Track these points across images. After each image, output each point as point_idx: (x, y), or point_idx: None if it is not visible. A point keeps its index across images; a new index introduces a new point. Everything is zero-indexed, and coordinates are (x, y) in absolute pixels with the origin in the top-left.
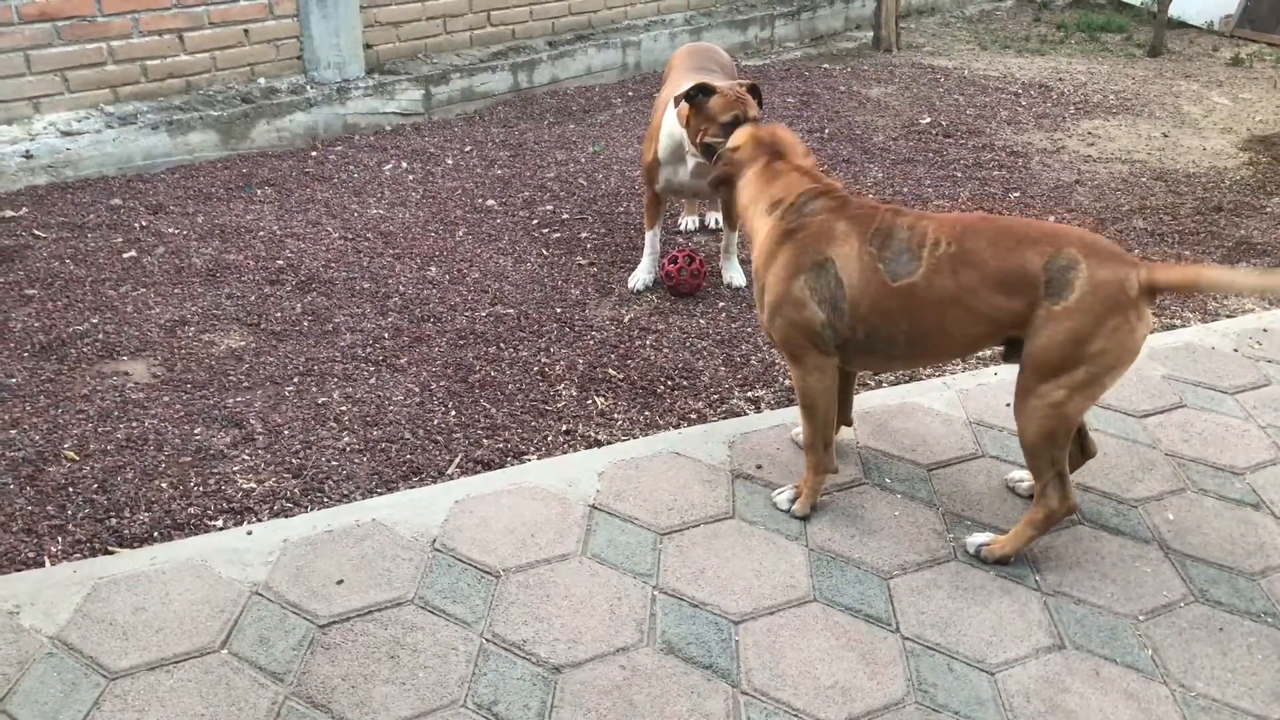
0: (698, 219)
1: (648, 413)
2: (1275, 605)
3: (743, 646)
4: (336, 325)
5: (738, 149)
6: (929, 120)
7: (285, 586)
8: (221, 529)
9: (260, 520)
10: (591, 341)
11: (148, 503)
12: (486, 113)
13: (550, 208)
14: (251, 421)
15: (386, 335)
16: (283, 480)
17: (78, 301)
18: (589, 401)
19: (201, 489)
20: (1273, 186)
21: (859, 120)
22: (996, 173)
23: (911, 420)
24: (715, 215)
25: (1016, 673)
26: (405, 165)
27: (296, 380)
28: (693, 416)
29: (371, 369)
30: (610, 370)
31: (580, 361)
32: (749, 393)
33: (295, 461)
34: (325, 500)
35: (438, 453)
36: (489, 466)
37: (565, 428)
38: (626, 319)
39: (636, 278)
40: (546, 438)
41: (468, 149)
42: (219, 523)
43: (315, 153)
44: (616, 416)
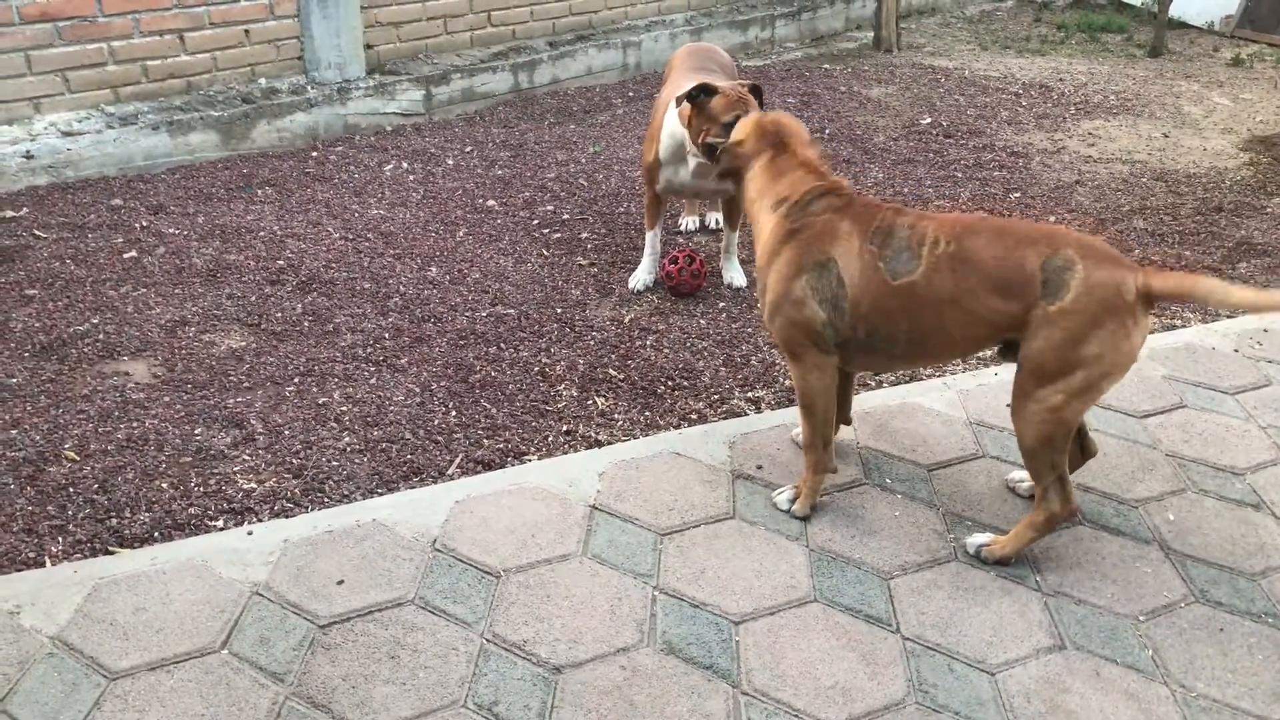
0: (698, 219)
1: (648, 413)
2: (1276, 606)
3: (743, 647)
4: (337, 325)
5: (742, 143)
6: (929, 121)
7: (286, 587)
8: (222, 529)
9: (261, 520)
10: (592, 342)
11: (148, 503)
12: (487, 113)
13: (551, 208)
14: (252, 422)
15: (387, 335)
16: (283, 480)
17: (78, 302)
18: (589, 402)
19: (202, 489)
20: (1273, 187)
21: (859, 120)
22: (997, 173)
23: (912, 420)
24: (715, 215)
25: (1017, 673)
26: (406, 165)
27: (297, 380)
28: (693, 417)
29: (372, 369)
30: (611, 370)
31: (581, 362)
32: (749, 393)
33: (296, 462)
34: (326, 500)
35: (438, 453)
36: (489, 467)
37: (566, 428)
38: (627, 319)
39: (637, 278)
40: (547, 438)
41: (468, 149)
42: (219, 523)
43: (316, 153)
44: (617, 417)
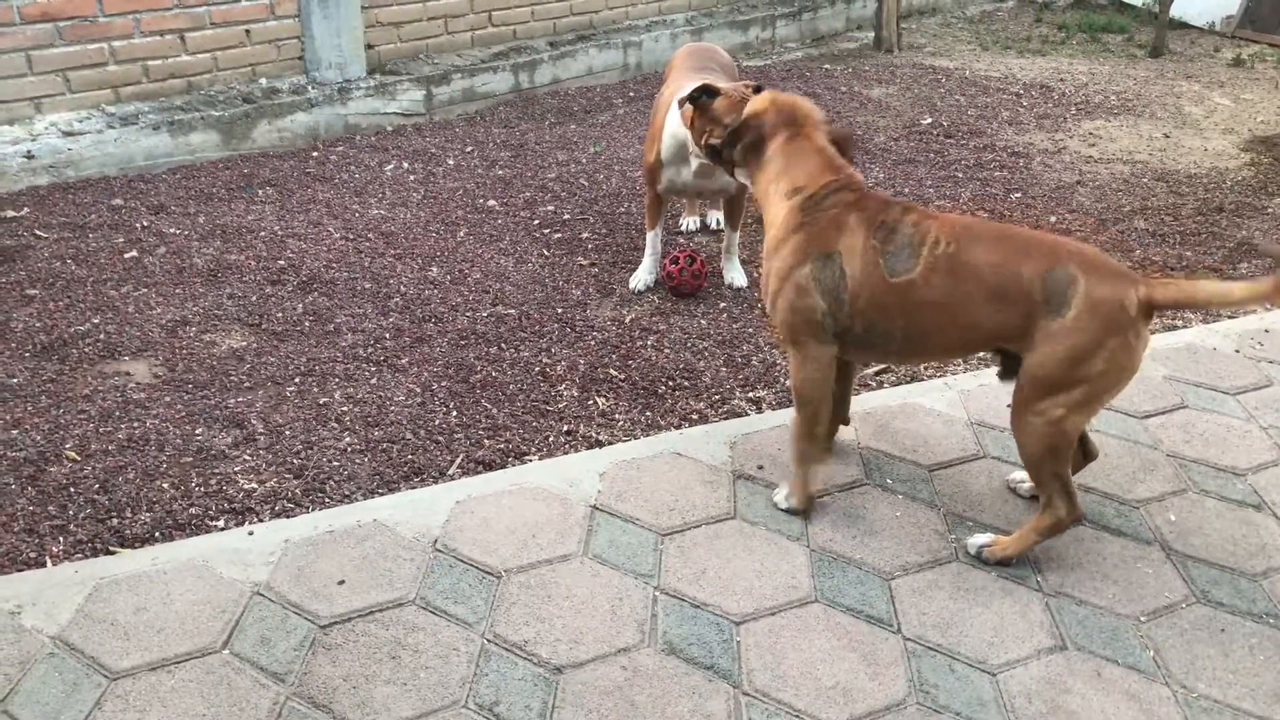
0: (699, 219)
1: (649, 413)
2: (1277, 606)
3: (744, 647)
4: (338, 325)
5: (761, 114)
6: (930, 121)
7: (286, 587)
8: (223, 529)
9: (262, 520)
10: (593, 342)
11: (149, 503)
12: (488, 113)
13: (551, 208)
14: (253, 422)
15: (388, 335)
16: (284, 480)
17: (79, 302)
18: (590, 402)
19: (203, 489)
20: (1274, 187)
21: (860, 121)
22: (998, 173)
23: (913, 421)
24: (716, 215)
25: (1018, 673)
26: (406, 165)
27: (298, 380)
28: (694, 417)
29: (373, 369)
30: (611, 371)
31: (581, 362)
32: (750, 393)
33: (296, 462)
34: (326, 500)
35: (439, 453)
36: (490, 467)
37: (566, 428)
38: (628, 319)
39: (638, 278)
40: (548, 438)
41: (469, 149)
42: (220, 523)
43: (316, 153)
44: (618, 417)
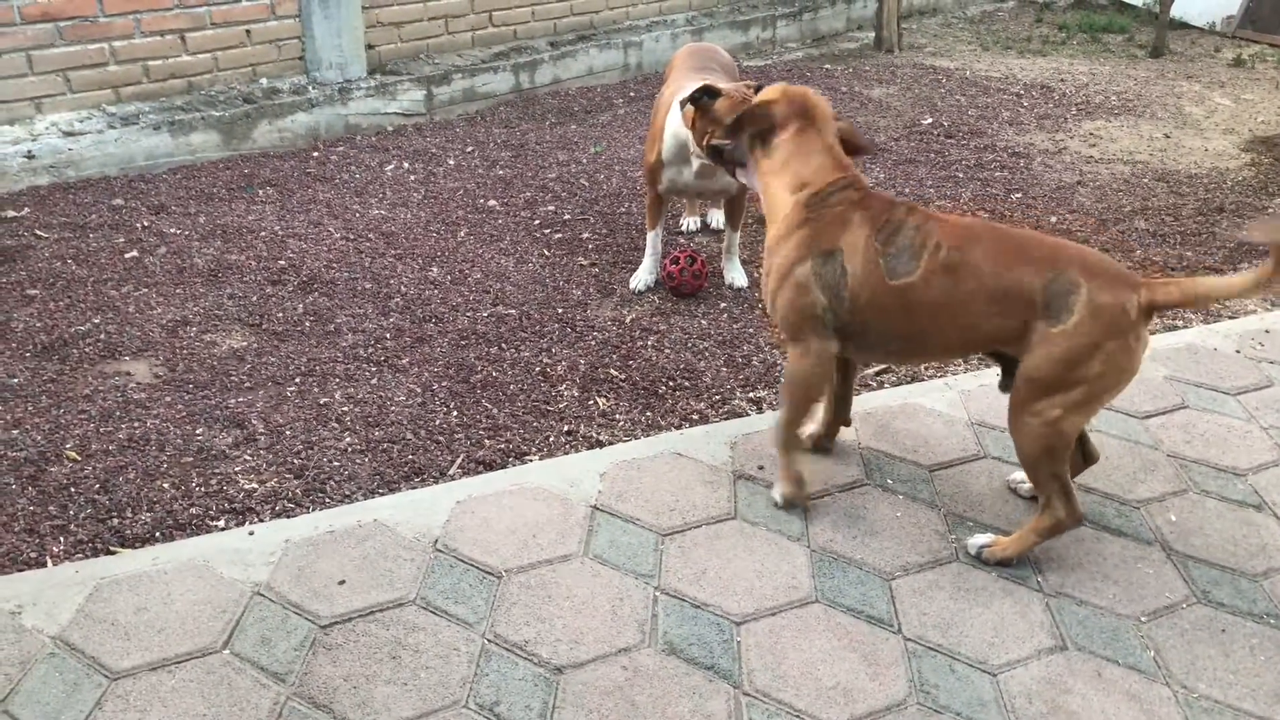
0: (699, 219)
1: (649, 413)
2: (1277, 607)
3: (744, 647)
4: (338, 325)
5: (772, 103)
6: (931, 121)
7: (287, 587)
8: (223, 529)
9: (262, 520)
10: (593, 342)
11: (150, 503)
12: (488, 113)
13: (552, 208)
14: (253, 422)
15: (388, 335)
16: (284, 480)
17: (80, 302)
18: (591, 402)
19: (203, 489)
20: (1275, 187)
21: (861, 121)
22: (998, 173)
23: (913, 421)
24: (717, 215)
25: (1019, 674)
26: (407, 166)
27: (298, 380)
28: (694, 417)
29: (373, 369)
30: (612, 371)
31: (582, 362)
32: (751, 393)
33: (297, 462)
34: (327, 500)
35: (439, 453)
36: (491, 467)
37: (567, 428)
38: (628, 319)
39: (638, 278)
40: (548, 438)
41: (469, 149)
42: (221, 523)
43: (317, 153)
44: (618, 417)
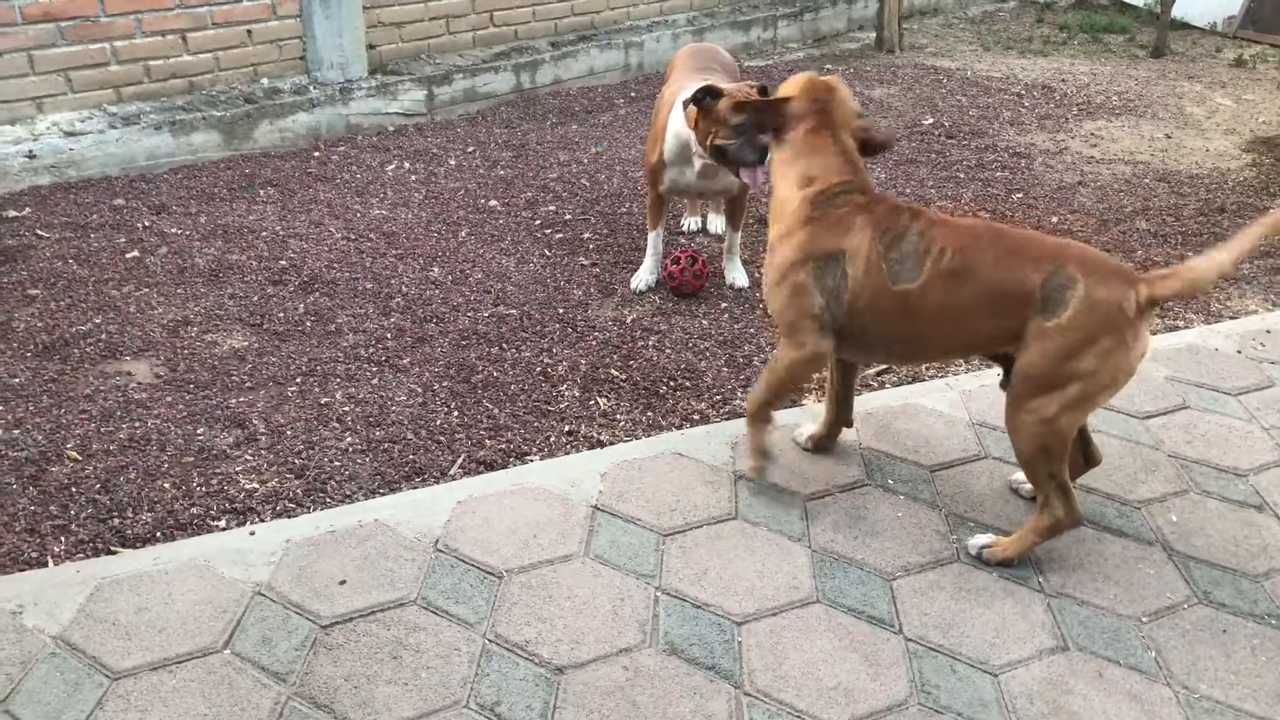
0: (700, 220)
1: (650, 413)
2: (1278, 607)
3: (745, 648)
4: (339, 325)
5: (789, 100)
6: (932, 121)
7: (288, 587)
8: (224, 529)
9: (263, 520)
10: (594, 342)
11: (150, 503)
12: (489, 113)
13: (553, 208)
14: (254, 422)
15: (389, 335)
16: (285, 480)
17: (81, 301)
18: (591, 402)
19: (204, 489)
20: (1276, 187)
21: None
22: (999, 174)
23: (914, 421)
24: (716, 221)
25: (1020, 674)
26: (408, 166)
27: (299, 380)
28: (695, 417)
29: (374, 369)
30: (613, 371)
31: (583, 362)
32: None
33: (298, 462)
34: (328, 500)
35: (440, 453)
36: (491, 467)
37: (568, 428)
38: (629, 320)
39: (639, 278)
40: (549, 438)
41: (470, 149)
42: (222, 523)
43: (318, 153)
44: (619, 417)
